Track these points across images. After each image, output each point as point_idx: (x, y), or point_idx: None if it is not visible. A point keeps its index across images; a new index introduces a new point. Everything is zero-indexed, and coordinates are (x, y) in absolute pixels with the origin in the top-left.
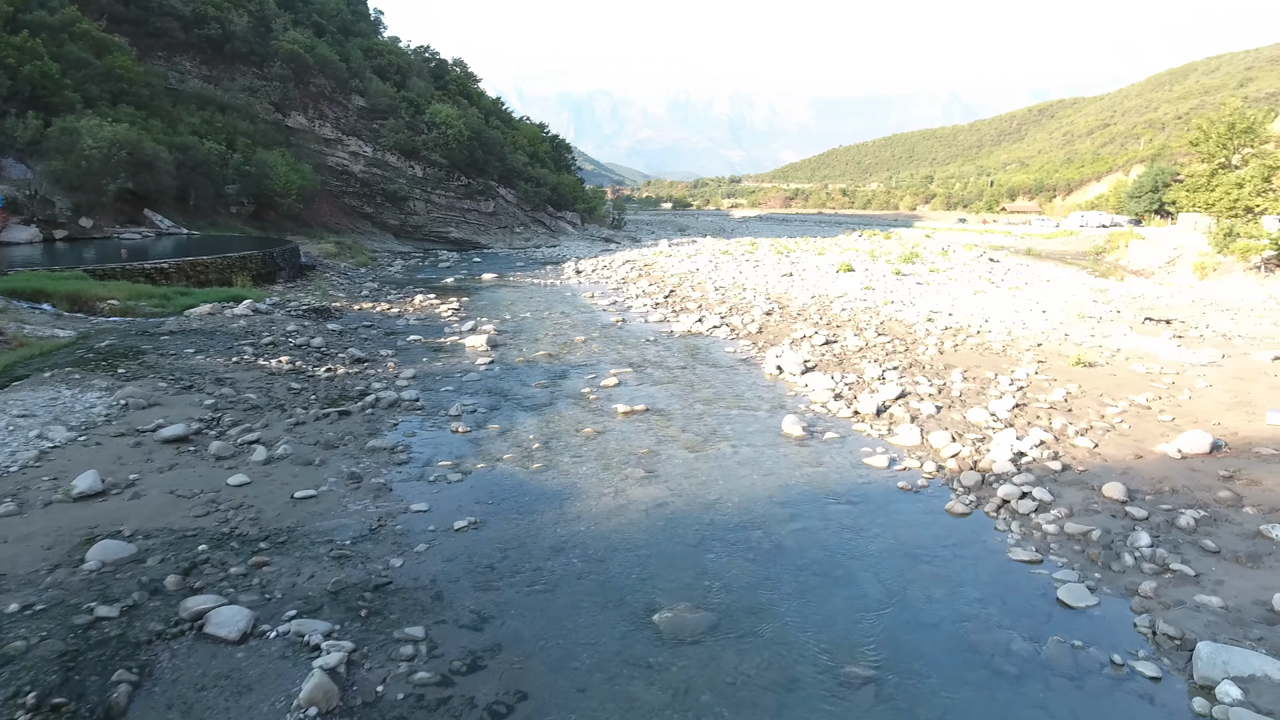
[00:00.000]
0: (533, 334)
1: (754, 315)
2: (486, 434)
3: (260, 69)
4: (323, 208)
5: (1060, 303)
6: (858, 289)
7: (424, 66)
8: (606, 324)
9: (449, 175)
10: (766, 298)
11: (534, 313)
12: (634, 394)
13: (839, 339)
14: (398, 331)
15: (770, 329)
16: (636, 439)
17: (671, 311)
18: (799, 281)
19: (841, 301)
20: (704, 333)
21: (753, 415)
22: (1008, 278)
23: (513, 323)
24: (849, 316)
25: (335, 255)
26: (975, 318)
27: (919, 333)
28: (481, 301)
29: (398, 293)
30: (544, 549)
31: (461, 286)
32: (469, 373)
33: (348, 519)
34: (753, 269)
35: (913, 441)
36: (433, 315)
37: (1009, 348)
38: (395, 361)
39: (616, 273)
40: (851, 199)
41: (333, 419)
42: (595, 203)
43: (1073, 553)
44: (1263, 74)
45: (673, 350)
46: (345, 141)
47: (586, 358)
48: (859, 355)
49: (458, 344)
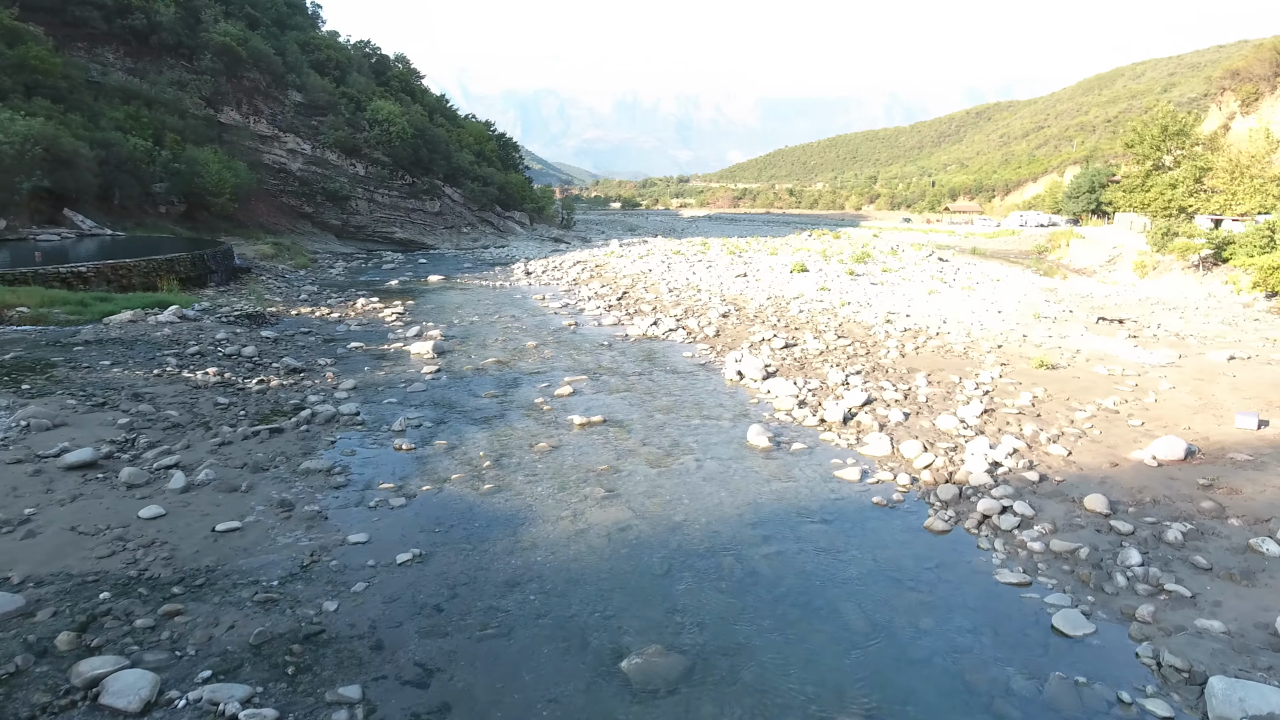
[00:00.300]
0: (482, 339)
1: (710, 318)
2: (433, 451)
3: (190, 62)
4: (260, 207)
5: (1014, 302)
6: (814, 290)
7: (364, 62)
8: (559, 328)
9: (392, 174)
10: (722, 299)
11: (483, 316)
12: (590, 403)
13: (799, 342)
14: (338, 338)
15: (728, 332)
16: (594, 454)
17: (626, 314)
18: (754, 282)
19: (798, 303)
20: (660, 336)
21: (716, 425)
22: (959, 277)
23: (460, 327)
24: (807, 318)
25: (272, 257)
26: (933, 319)
27: (879, 335)
28: (427, 305)
29: (339, 296)
30: (497, 584)
31: (406, 289)
32: (414, 383)
33: (276, 554)
34: (706, 270)
35: (883, 451)
36: (376, 320)
37: (970, 350)
38: (334, 371)
39: (567, 274)
40: (798, 199)
41: (263, 437)
42: (544, 202)
43: (1062, 573)
44: (1185, 79)
45: (629, 355)
46: (282, 138)
47: (539, 364)
48: (820, 359)
49: (402, 351)
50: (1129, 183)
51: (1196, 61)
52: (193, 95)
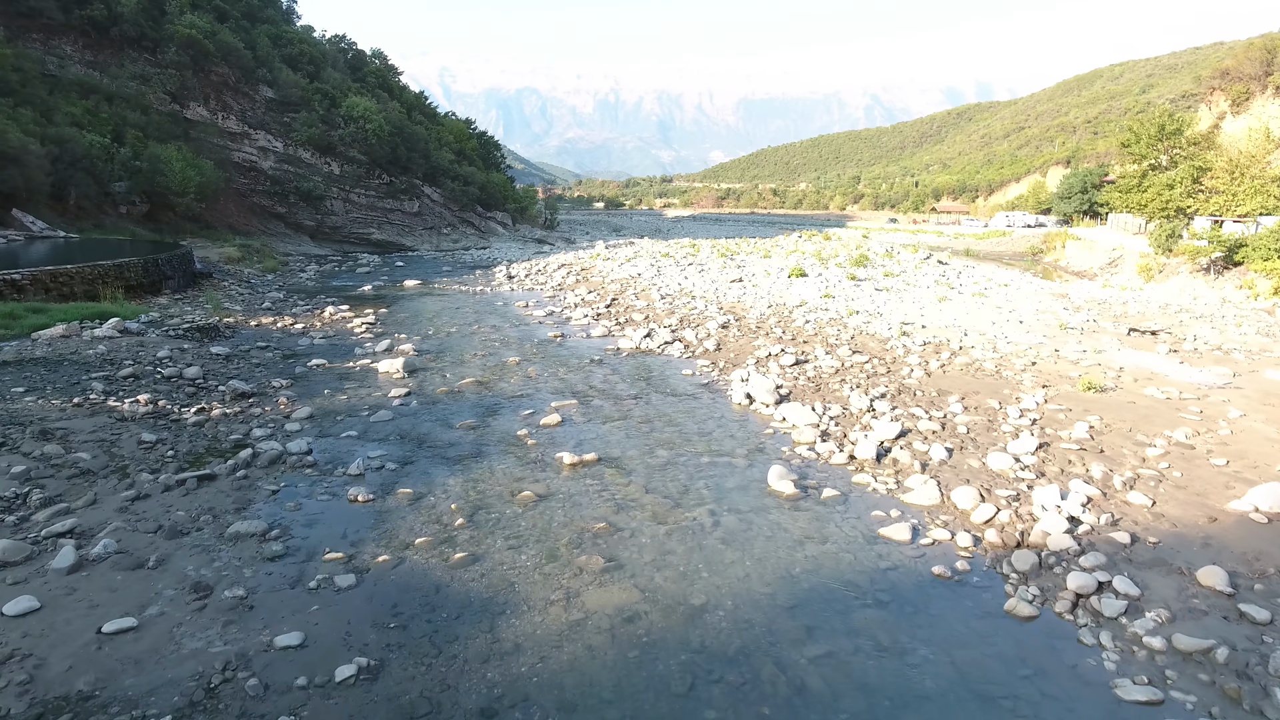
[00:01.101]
0: (459, 354)
1: (709, 329)
2: (394, 504)
3: (154, 55)
4: (229, 207)
5: (1031, 310)
6: (817, 297)
7: (340, 57)
8: (544, 340)
9: (369, 173)
10: (719, 307)
11: (461, 327)
12: (581, 435)
13: (810, 358)
14: (299, 354)
15: (729, 345)
16: (589, 505)
17: (616, 324)
18: (751, 288)
19: (802, 312)
20: (655, 350)
21: (729, 464)
22: (964, 282)
23: (436, 340)
24: (815, 330)
25: (239, 260)
26: (952, 330)
27: (897, 349)
28: (402, 314)
29: (306, 304)
30: (470, 712)
31: (380, 295)
32: (379, 410)
33: (177, 669)
34: (699, 274)
35: (932, 500)
36: (343, 332)
37: (1002, 368)
38: (289, 396)
39: (552, 278)
40: (782, 199)
41: (189, 488)
42: (527, 202)
43: (1200, 685)
44: (1162, 80)
45: (621, 373)
46: (253, 135)
47: (522, 385)
48: (837, 378)
49: (369, 369)
50: (1125, 183)
51: (1173, 63)
52: (157, 90)
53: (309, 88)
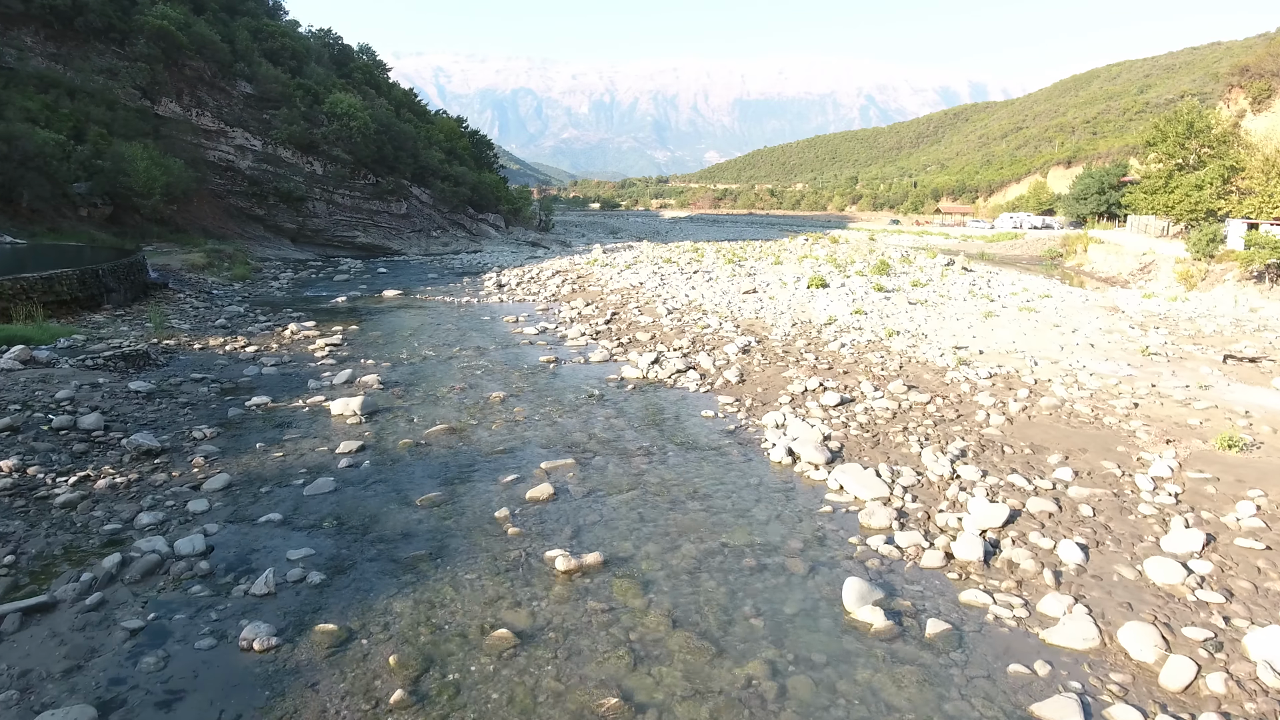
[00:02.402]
0: (433, 387)
1: (727, 354)
2: (306, 654)
3: (123, 48)
4: (203, 209)
5: (1093, 329)
6: (847, 313)
7: (325, 52)
8: (534, 366)
9: (354, 173)
10: (735, 325)
11: (439, 349)
12: (580, 518)
13: (856, 395)
14: (240, 388)
15: (755, 376)
16: (592, 654)
17: (618, 345)
18: (768, 301)
19: (834, 332)
20: (665, 381)
21: (782, 569)
22: (1000, 292)
23: (408, 367)
24: (854, 356)
25: (203, 268)
26: (1015, 356)
27: (959, 382)
28: (374, 331)
29: (268, 319)
30: None
31: (354, 308)
32: (320, 475)
33: None
34: (707, 283)
35: (1087, 640)
36: (302, 356)
37: (1099, 410)
38: (209, 453)
39: (545, 287)
40: (780, 199)
41: (7, 629)
42: (520, 203)
43: None
44: (1160, 81)
45: (628, 414)
46: (229, 133)
47: (506, 433)
48: (896, 425)
49: (320, 410)
50: (1150, 183)
51: (1171, 63)
52: (125, 85)
53: (290, 83)
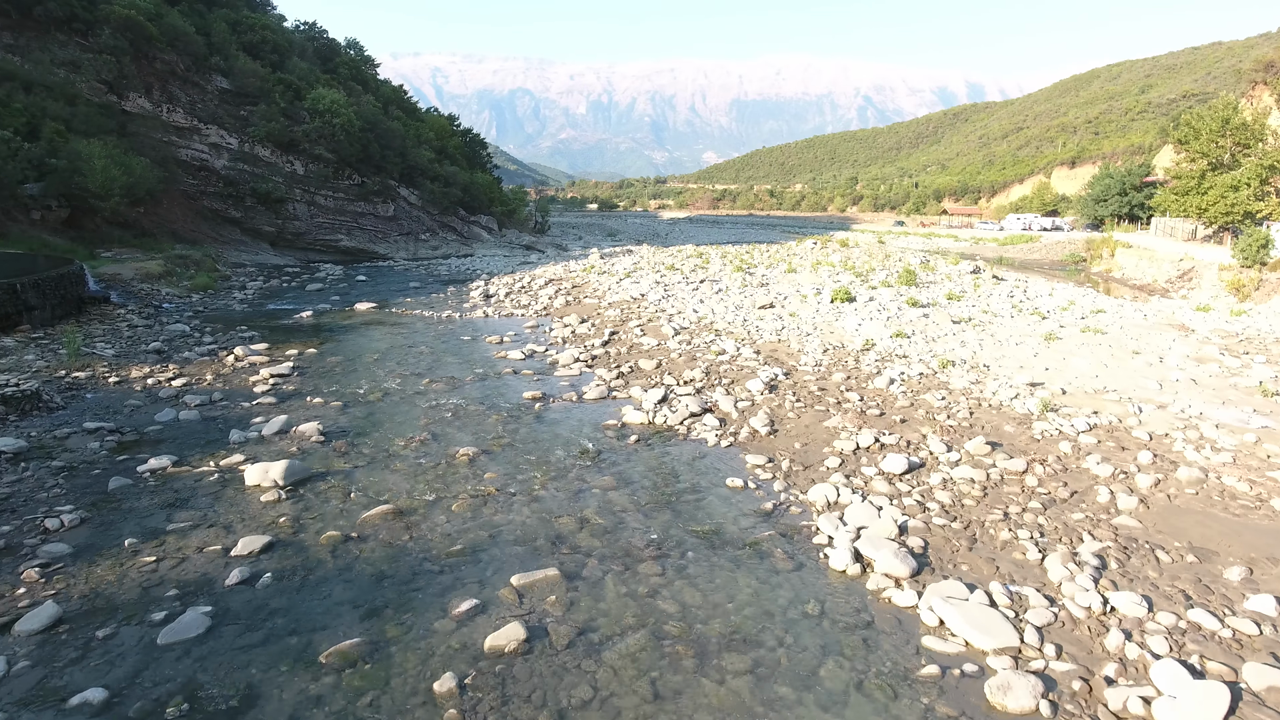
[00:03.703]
0: (386, 437)
1: (750, 391)
2: None
3: (87, 39)
4: (173, 211)
5: (1181, 357)
6: (884, 334)
7: (308, 46)
8: (516, 406)
9: (338, 173)
10: (754, 350)
11: (406, 380)
12: (561, 695)
13: (923, 453)
14: (144, 441)
15: (787, 423)
16: None
17: (617, 375)
18: (789, 319)
19: (874, 360)
20: (676, 428)
21: None
22: (1048, 306)
23: (363, 406)
24: (908, 395)
25: (160, 277)
26: (1104, 396)
27: (1051, 437)
28: (333, 356)
29: (214, 340)
30: None
31: (318, 325)
32: (194, 601)
33: None
34: (715, 295)
35: None
36: (236, 391)
37: (1263, 488)
38: (51, 560)
39: (537, 298)
40: (779, 200)
41: None
42: (515, 204)
43: None
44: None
45: (631, 483)
46: (203, 130)
47: (469, 519)
48: (992, 508)
49: (231, 477)
50: (1181, 184)
51: (1172, 63)
52: (89, 79)
53: (270, 78)
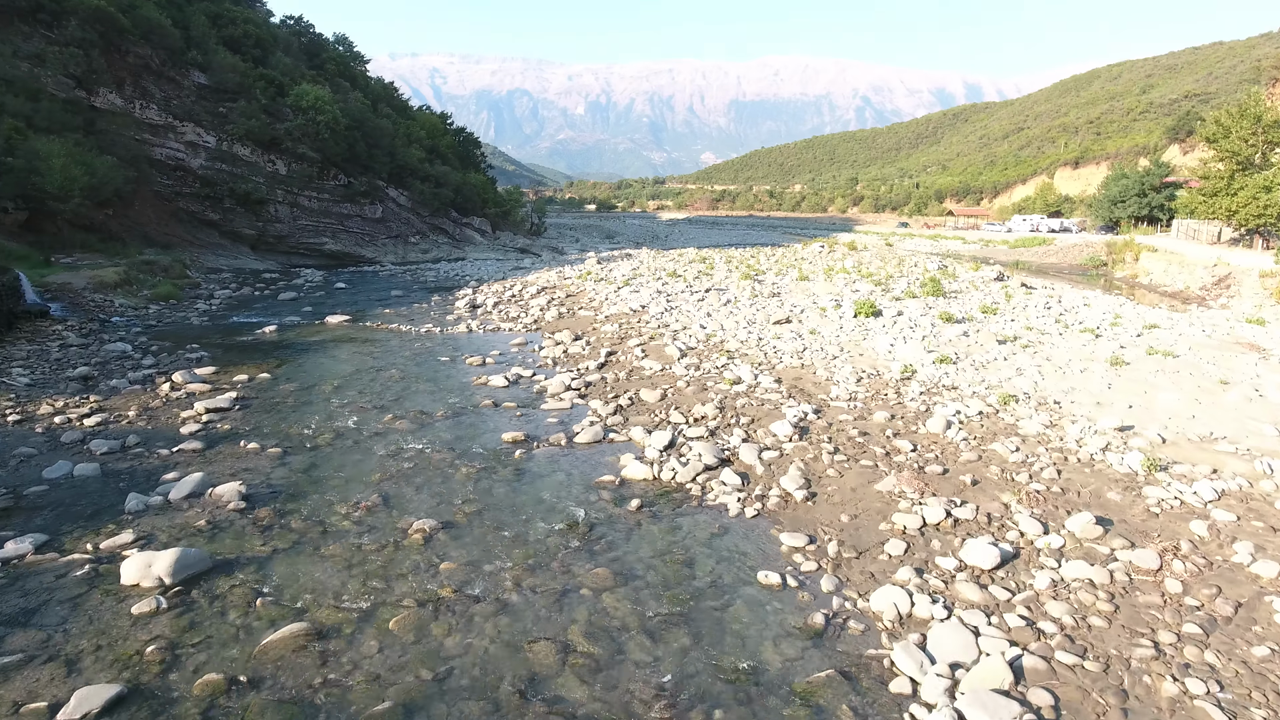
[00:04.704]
0: (324, 503)
1: (776, 435)
2: None
3: (54, 31)
4: (146, 214)
5: (1276, 385)
6: (924, 358)
7: (293, 41)
8: (493, 453)
9: (322, 172)
10: (775, 378)
11: (366, 415)
12: None
13: (1012, 535)
14: (18, 509)
15: (827, 484)
16: None
17: (615, 410)
18: (810, 336)
19: (918, 391)
20: (688, 487)
21: None
22: (1093, 319)
23: (305, 454)
24: (972, 444)
25: (117, 286)
26: (1214, 447)
27: (1175, 511)
28: (287, 382)
29: (155, 362)
30: None
31: (280, 342)
32: None
33: None
34: (723, 307)
35: None
36: (158, 433)
37: None
38: None
39: (528, 309)
40: (779, 201)
41: None
42: (510, 205)
43: None
44: (1162, 80)
45: (632, 578)
46: (179, 128)
47: (409, 640)
48: (1129, 634)
49: (109, 568)
50: (1210, 185)
51: (1173, 63)
52: (55, 73)
53: (251, 73)
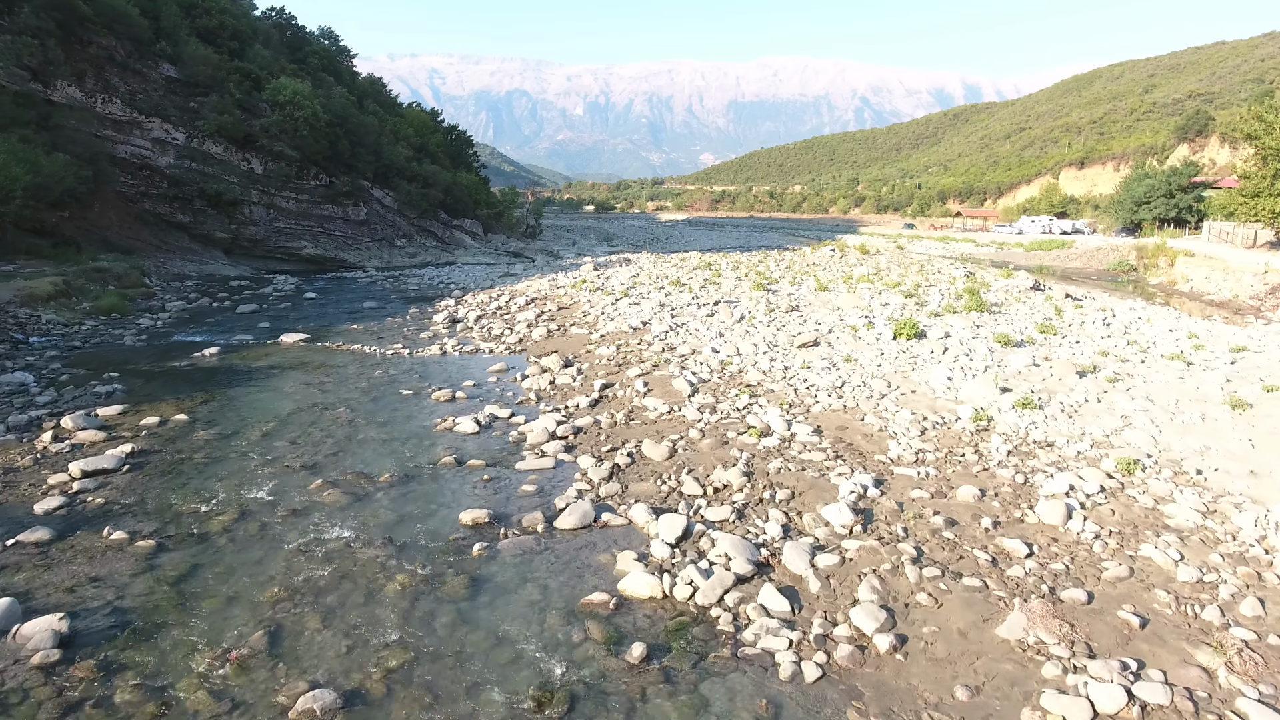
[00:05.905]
0: (178, 648)
1: (829, 522)
2: None
3: (6, 18)
4: (107, 216)
5: None
6: (1002, 400)
7: (274, 34)
8: (443, 548)
9: (301, 172)
10: (813, 426)
11: (289, 480)
12: None
13: None
14: None
15: (920, 624)
16: None
17: (610, 471)
18: (846, 365)
19: (1005, 451)
20: (712, 615)
21: None
22: (1172, 344)
23: (188, 548)
24: (1109, 544)
25: (50, 298)
26: None
27: None
28: (206, 429)
29: (54, 397)
30: None
31: (218, 369)
32: None
33: None
34: (738, 325)
35: None
36: (1, 511)
37: None
38: None
39: (514, 326)
40: (780, 202)
41: None
42: (504, 206)
43: None
44: (1165, 80)
45: None
46: (144, 124)
47: None
48: None
49: None
50: (1251, 185)
51: (1175, 63)
52: (8, 64)
53: (224, 65)
